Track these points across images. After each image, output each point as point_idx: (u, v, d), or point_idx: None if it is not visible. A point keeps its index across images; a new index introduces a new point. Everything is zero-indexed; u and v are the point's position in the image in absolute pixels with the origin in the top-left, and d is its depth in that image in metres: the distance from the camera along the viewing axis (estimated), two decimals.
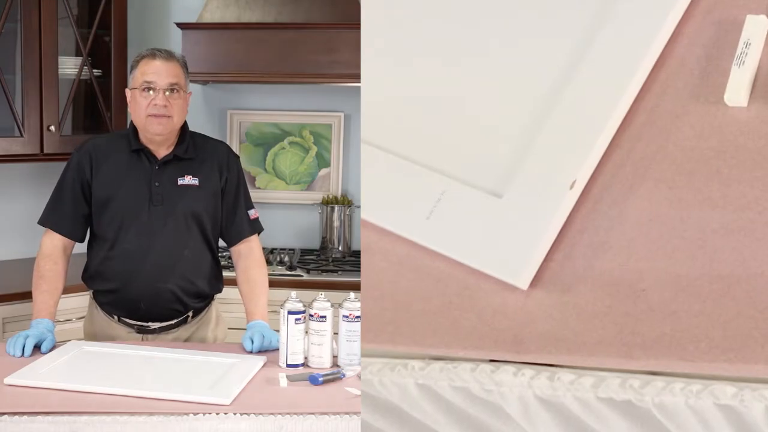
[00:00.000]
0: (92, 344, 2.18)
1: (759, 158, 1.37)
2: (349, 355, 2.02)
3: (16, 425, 1.65)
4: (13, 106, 3.07)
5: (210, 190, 2.31)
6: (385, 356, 1.44)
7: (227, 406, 1.74)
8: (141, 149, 2.27)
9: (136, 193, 2.25)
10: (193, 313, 2.35)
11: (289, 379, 1.92)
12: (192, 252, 2.30)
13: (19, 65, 3.08)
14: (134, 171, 2.27)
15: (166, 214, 2.26)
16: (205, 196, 2.30)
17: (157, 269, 2.25)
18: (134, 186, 2.26)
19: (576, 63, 1.54)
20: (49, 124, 3.14)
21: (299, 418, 1.70)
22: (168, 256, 2.26)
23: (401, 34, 1.68)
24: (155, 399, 1.76)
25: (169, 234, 2.26)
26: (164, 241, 2.25)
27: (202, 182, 2.29)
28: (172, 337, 2.31)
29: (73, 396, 1.77)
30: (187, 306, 2.32)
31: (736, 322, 1.27)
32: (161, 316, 2.30)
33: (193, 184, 2.28)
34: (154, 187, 2.26)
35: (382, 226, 1.51)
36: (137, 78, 2.24)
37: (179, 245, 2.28)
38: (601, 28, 1.55)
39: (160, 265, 2.25)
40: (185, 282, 2.29)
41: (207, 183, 2.30)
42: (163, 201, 2.26)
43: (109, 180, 2.26)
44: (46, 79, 3.11)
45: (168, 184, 2.27)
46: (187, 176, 2.28)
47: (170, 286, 2.27)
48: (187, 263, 2.29)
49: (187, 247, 2.29)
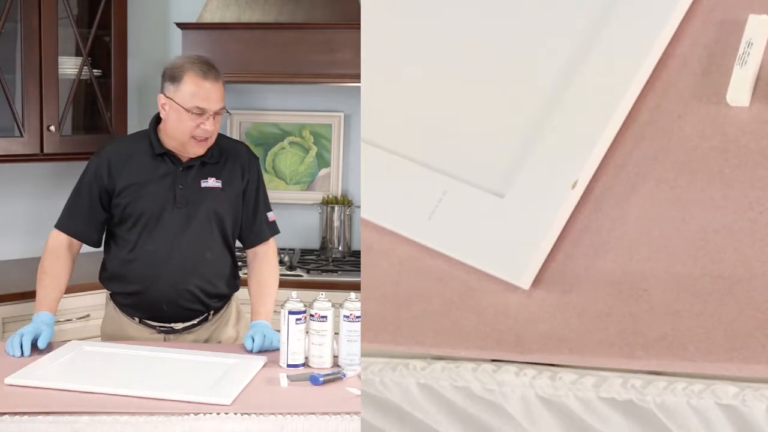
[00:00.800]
0: (92, 344, 2.18)
1: (761, 158, 1.36)
2: (349, 355, 2.02)
3: (16, 425, 1.64)
4: (13, 106, 3.07)
5: (232, 193, 2.30)
6: (386, 356, 1.43)
7: (228, 406, 1.74)
8: (165, 153, 2.25)
9: (159, 196, 2.23)
10: (213, 312, 2.35)
11: (290, 379, 1.92)
12: (213, 254, 2.29)
13: (19, 65, 3.08)
14: (158, 174, 2.25)
15: (189, 217, 2.25)
16: (228, 198, 2.29)
17: (180, 271, 2.24)
18: (158, 189, 2.24)
19: (578, 63, 1.54)
20: (49, 124, 3.14)
21: (300, 418, 1.70)
22: (191, 259, 2.26)
23: (401, 34, 1.68)
24: (156, 399, 1.76)
25: (192, 236, 2.25)
26: (187, 243, 2.25)
27: (224, 184, 2.29)
28: (193, 337, 2.31)
29: (73, 396, 1.76)
30: (208, 306, 2.32)
31: (737, 322, 1.27)
32: (182, 317, 2.30)
33: (216, 186, 2.27)
34: (178, 190, 2.24)
35: (383, 226, 1.50)
36: (185, 97, 2.16)
37: (202, 247, 2.27)
38: (603, 28, 1.55)
39: (182, 267, 2.24)
40: (206, 283, 2.29)
41: (229, 185, 2.30)
42: (186, 203, 2.24)
43: (131, 184, 2.24)
44: (46, 79, 3.11)
45: (191, 186, 2.25)
46: (210, 178, 2.27)
47: (191, 287, 2.26)
48: (208, 265, 2.29)
49: (209, 249, 2.29)
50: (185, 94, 2.16)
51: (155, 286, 2.23)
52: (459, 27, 1.64)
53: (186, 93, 2.16)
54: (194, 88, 2.16)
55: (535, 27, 1.59)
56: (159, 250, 2.23)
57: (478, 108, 1.57)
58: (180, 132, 2.19)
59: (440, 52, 1.64)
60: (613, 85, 1.50)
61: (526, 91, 1.55)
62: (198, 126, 2.17)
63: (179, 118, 2.17)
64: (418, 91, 1.62)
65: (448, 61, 1.63)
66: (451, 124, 1.57)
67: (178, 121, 2.18)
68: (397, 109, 1.62)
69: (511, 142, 1.50)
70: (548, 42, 1.57)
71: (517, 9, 1.62)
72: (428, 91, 1.62)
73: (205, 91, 2.16)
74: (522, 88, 1.55)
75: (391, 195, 1.52)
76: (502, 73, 1.58)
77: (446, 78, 1.61)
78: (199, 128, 2.17)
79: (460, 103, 1.58)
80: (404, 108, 1.61)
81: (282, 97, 3.75)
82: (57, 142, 3.18)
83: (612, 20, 1.55)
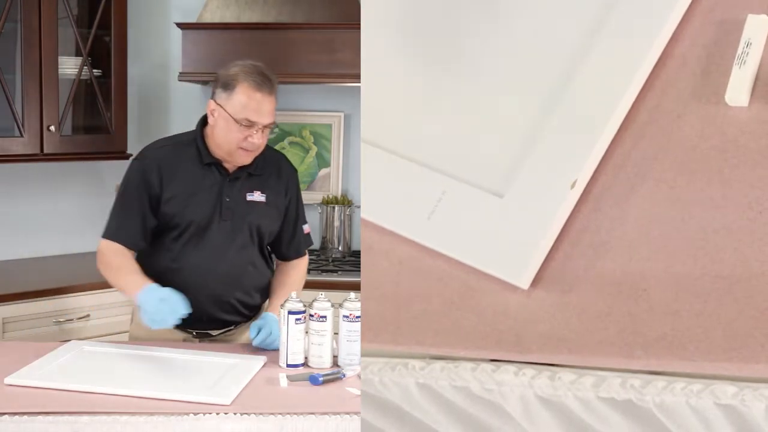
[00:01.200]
0: (92, 344, 2.18)
1: (760, 158, 1.36)
2: (349, 355, 2.02)
3: (16, 425, 1.64)
4: (13, 106, 3.07)
5: (276, 208, 2.30)
6: (385, 356, 1.43)
7: (227, 406, 1.74)
8: (212, 162, 2.22)
9: (206, 208, 2.21)
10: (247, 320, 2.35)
11: (290, 379, 1.92)
12: (255, 268, 2.29)
13: (19, 65, 3.08)
14: (205, 184, 2.21)
15: (234, 230, 2.23)
16: (271, 212, 2.29)
17: (223, 284, 2.23)
18: (204, 200, 2.21)
19: (577, 62, 1.54)
20: (49, 124, 3.14)
21: (299, 418, 1.70)
22: (234, 273, 2.25)
23: (401, 34, 1.68)
24: (155, 399, 1.76)
25: (236, 250, 2.24)
26: (232, 257, 2.24)
27: (269, 198, 2.27)
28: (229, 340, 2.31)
29: (73, 396, 1.77)
30: (245, 316, 2.32)
31: (736, 321, 1.27)
32: (218, 325, 2.29)
33: (260, 200, 2.26)
34: (225, 202, 2.22)
35: (383, 226, 1.50)
36: (236, 107, 2.12)
37: (245, 261, 2.27)
38: (602, 28, 1.55)
39: (225, 281, 2.23)
40: (246, 296, 2.29)
41: (274, 199, 2.29)
42: (232, 216, 2.23)
43: (179, 193, 2.20)
44: (46, 79, 3.11)
45: (237, 198, 2.23)
46: (255, 191, 2.25)
47: (232, 300, 2.26)
48: (250, 278, 2.29)
49: (252, 263, 2.28)
50: (236, 104, 2.12)
51: (197, 297, 2.15)
52: (459, 27, 1.64)
53: (237, 103, 2.12)
54: (246, 100, 2.12)
55: (535, 27, 1.59)
56: (204, 262, 2.20)
57: (478, 108, 1.57)
58: (227, 141, 2.16)
59: (440, 52, 1.64)
60: (613, 85, 1.50)
61: (525, 91, 1.55)
62: (246, 138, 2.13)
63: (228, 127, 2.14)
64: (418, 91, 1.62)
65: (447, 61, 1.63)
66: (450, 124, 1.57)
67: (226, 130, 2.14)
68: (397, 109, 1.62)
69: (510, 142, 1.50)
70: (548, 42, 1.57)
71: (517, 9, 1.62)
72: (428, 91, 1.62)
73: (257, 104, 2.12)
74: (521, 88, 1.56)
75: (391, 195, 1.52)
76: (501, 73, 1.58)
77: (446, 78, 1.61)
78: (246, 140, 2.14)
79: (460, 102, 1.58)
80: (404, 108, 1.62)
81: (282, 97, 3.73)
82: (57, 142, 3.18)
83: (611, 20, 1.55)
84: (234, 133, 2.13)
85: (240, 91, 2.12)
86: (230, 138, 2.15)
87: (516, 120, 1.54)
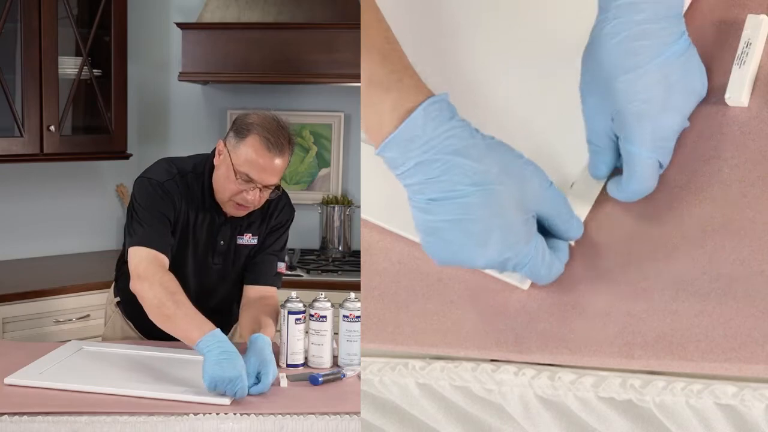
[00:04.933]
0: (92, 344, 2.18)
1: (759, 158, 1.36)
2: (349, 355, 2.02)
3: (16, 425, 1.65)
4: (13, 106, 3.07)
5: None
6: (385, 356, 1.43)
7: (227, 406, 1.74)
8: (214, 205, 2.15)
9: (200, 250, 2.19)
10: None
11: (290, 379, 1.92)
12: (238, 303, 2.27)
13: (19, 65, 3.08)
14: (205, 223, 2.16)
15: (223, 273, 2.24)
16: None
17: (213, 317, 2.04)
18: (200, 239, 2.17)
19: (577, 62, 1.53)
20: (49, 124, 3.14)
21: (299, 418, 1.70)
22: (225, 307, 2.28)
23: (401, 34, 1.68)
24: (155, 399, 1.76)
25: (223, 292, 2.27)
26: (218, 299, 2.26)
27: (259, 242, 2.24)
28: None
29: (73, 396, 1.77)
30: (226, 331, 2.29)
31: (736, 321, 1.27)
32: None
33: (251, 243, 2.22)
34: (219, 246, 2.19)
35: (383, 226, 1.50)
36: (240, 159, 2.01)
37: (230, 302, 2.29)
38: None
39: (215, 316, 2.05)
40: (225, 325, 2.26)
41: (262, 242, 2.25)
42: (223, 260, 2.22)
43: (181, 228, 2.14)
44: (46, 79, 3.12)
45: (229, 242, 2.20)
46: (246, 234, 2.20)
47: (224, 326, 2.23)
48: (235, 317, 2.29)
49: (236, 301, 2.27)
50: (241, 155, 2.02)
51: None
52: (458, 27, 1.64)
53: (243, 155, 2.02)
54: (253, 155, 2.01)
55: (535, 25, 1.59)
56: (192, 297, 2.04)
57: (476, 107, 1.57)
58: (222, 189, 2.08)
59: (438, 52, 1.64)
60: None
61: (525, 90, 1.55)
62: (240, 192, 2.04)
63: (227, 175, 2.05)
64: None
65: (446, 60, 1.63)
66: None
67: (225, 177, 2.06)
68: None
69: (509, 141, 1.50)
70: (548, 39, 1.57)
71: (517, 9, 1.62)
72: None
73: (263, 163, 2.01)
74: (521, 87, 1.55)
75: (391, 195, 1.51)
76: (501, 73, 1.58)
77: (445, 77, 1.61)
78: (240, 195, 2.05)
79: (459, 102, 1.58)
80: None
81: (282, 97, 3.75)
82: (57, 142, 3.18)
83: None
84: (231, 183, 2.05)
85: (249, 143, 2.02)
86: (226, 187, 2.06)
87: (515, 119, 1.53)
